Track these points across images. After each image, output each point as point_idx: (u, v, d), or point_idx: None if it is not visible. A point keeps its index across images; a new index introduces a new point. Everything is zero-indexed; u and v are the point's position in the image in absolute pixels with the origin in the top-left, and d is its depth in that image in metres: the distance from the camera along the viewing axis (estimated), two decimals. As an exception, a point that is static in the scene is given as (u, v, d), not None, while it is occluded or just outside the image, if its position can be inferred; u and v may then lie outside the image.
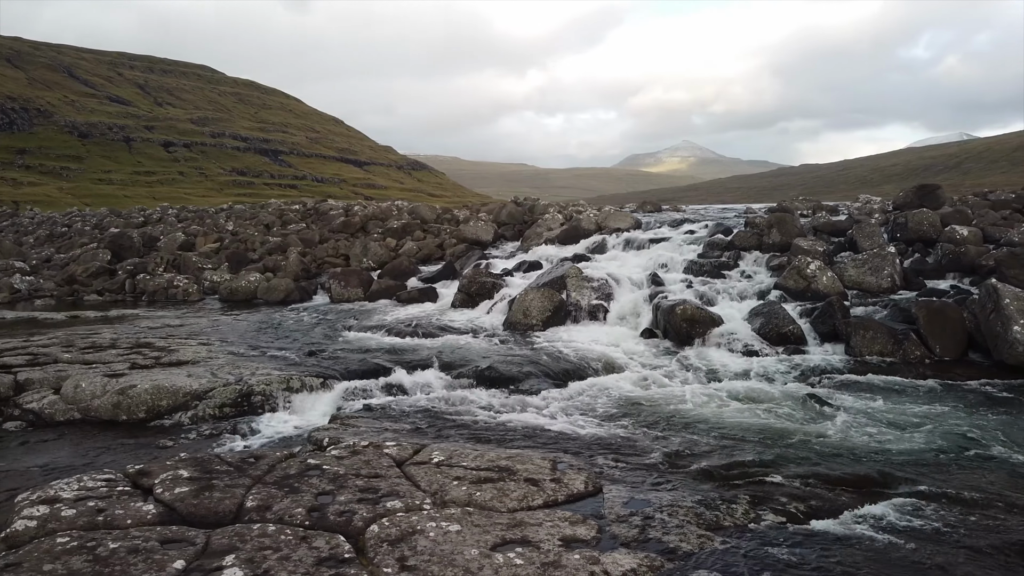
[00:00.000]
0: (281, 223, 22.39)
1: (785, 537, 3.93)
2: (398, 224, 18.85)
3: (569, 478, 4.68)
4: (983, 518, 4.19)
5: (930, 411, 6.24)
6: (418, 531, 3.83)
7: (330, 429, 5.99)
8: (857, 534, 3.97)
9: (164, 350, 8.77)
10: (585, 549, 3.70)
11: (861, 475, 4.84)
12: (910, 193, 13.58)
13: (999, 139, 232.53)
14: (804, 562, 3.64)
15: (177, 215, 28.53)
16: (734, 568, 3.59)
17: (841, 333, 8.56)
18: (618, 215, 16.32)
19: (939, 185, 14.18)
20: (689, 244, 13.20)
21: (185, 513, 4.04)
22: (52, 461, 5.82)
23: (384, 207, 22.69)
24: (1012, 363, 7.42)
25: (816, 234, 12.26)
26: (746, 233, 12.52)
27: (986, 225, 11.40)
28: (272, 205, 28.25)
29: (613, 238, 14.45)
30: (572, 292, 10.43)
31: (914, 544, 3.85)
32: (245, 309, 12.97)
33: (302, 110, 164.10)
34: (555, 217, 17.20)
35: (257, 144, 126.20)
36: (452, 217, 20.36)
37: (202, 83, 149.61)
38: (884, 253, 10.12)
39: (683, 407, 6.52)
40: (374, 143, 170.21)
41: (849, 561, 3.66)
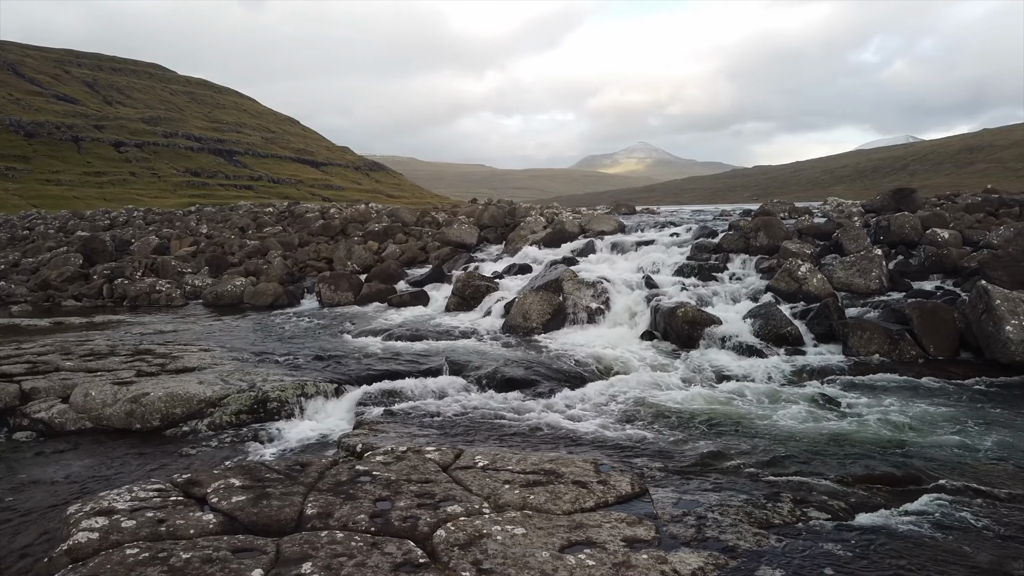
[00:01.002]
0: (256, 226, 22.14)
1: (834, 534, 4.09)
2: (379, 227, 18.79)
3: (615, 480, 4.78)
4: (1011, 511, 4.41)
5: (938, 410, 6.48)
6: (485, 535, 3.90)
7: (360, 435, 6.00)
8: (899, 530, 4.14)
9: (167, 356, 8.67)
10: (650, 549, 3.80)
11: (889, 473, 5.02)
12: (887, 196, 14.01)
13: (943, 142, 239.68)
14: (858, 557, 3.79)
15: (144, 217, 28.02)
16: (795, 565, 3.72)
17: (838, 334, 8.82)
18: (601, 218, 16.51)
19: (914, 189, 14.67)
20: (677, 247, 13.43)
21: (246, 522, 4.05)
22: (74, 472, 5.76)
23: (362, 210, 22.58)
24: (1005, 361, 7.74)
25: (801, 237, 12.59)
26: (733, 236, 12.79)
27: (963, 228, 11.84)
28: (243, 207, 27.90)
29: (600, 241, 14.62)
30: (569, 295, 10.55)
31: (953, 537, 4.04)
32: (233, 314, 12.83)
33: (257, 110, 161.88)
34: (537, 220, 17.32)
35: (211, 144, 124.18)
36: (432, 220, 20.35)
37: (153, 82, 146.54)
38: (871, 255, 10.45)
39: (702, 408, 6.67)
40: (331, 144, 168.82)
41: (898, 555, 3.82)
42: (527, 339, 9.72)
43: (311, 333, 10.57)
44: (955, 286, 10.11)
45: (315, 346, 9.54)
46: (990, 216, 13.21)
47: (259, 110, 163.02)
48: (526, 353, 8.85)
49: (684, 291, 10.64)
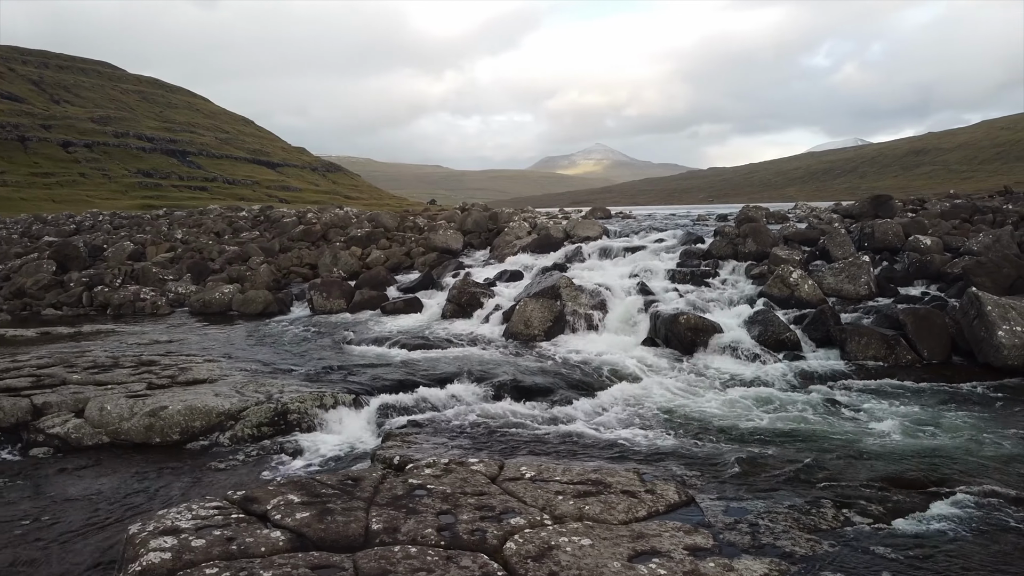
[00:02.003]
0: (232, 231, 21.87)
1: (879, 538, 4.28)
2: (361, 233, 18.72)
3: (661, 489, 4.92)
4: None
5: (946, 413, 6.76)
6: (554, 546, 4.00)
7: (393, 447, 6.05)
8: (938, 533, 4.34)
9: (174, 368, 8.59)
10: (714, 557, 3.94)
11: (914, 477, 5.24)
12: (866, 202, 14.47)
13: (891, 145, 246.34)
14: (909, 562, 3.99)
15: (111, 222, 27.44)
16: (853, 571, 3.90)
17: (835, 339, 9.11)
18: (585, 223, 16.71)
19: (891, 196, 15.16)
20: (665, 253, 13.68)
21: (315, 538, 4.09)
22: (105, 490, 5.72)
23: (341, 215, 22.46)
24: (998, 365, 8.10)
25: (787, 243, 12.93)
26: (721, 242, 13.08)
27: (942, 234, 12.29)
28: (214, 211, 27.50)
29: (587, 247, 14.80)
30: (567, 302, 10.70)
31: (988, 539, 4.25)
32: (222, 322, 12.72)
33: (210, 109, 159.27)
34: (521, 225, 17.44)
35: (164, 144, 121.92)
36: (414, 225, 20.34)
37: (103, 80, 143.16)
38: (859, 262, 10.80)
39: (719, 414, 6.86)
40: (286, 144, 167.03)
41: (944, 559, 4.02)
42: (530, 346, 9.83)
43: (312, 342, 10.54)
44: (939, 291, 10.51)
45: (320, 355, 9.54)
46: (965, 223, 13.73)
47: (213, 110, 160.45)
48: (534, 361, 8.96)
49: (680, 298, 10.86)
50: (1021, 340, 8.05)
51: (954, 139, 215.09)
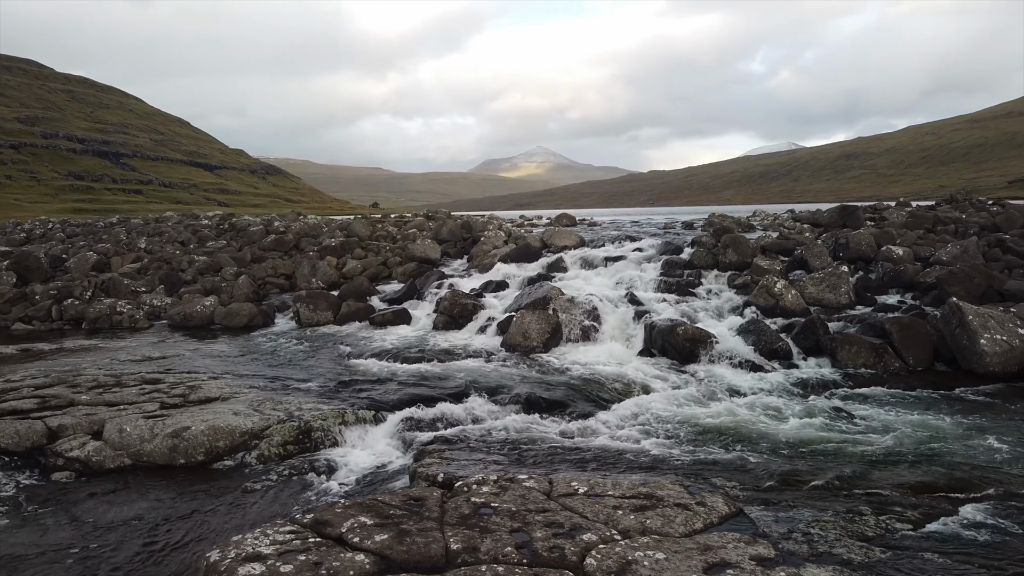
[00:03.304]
0: (198, 240, 21.46)
1: (923, 543, 4.58)
2: (335, 242, 18.61)
3: (711, 501, 5.15)
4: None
5: (946, 419, 7.17)
6: (632, 561, 4.18)
7: (433, 464, 6.15)
8: (974, 535, 4.67)
9: (181, 386, 8.51)
10: (783, 567, 4.16)
11: (936, 482, 5.58)
12: (834, 213, 15.08)
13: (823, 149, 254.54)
14: (955, 563, 4.28)
15: (63, 229, 26.56)
16: (911, 573, 4.19)
17: (825, 347, 9.52)
18: (562, 233, 16.97)
19: (857, 206, 15.81)
20: (647, 262, 13.99)
21: (399, 560, 4.20)
22: (145, 514, 5.70)
23: (313, 223, 22.26)
24: (981, 372, 8.60)
25: (765, 253, 13.38)
26: (702, 253, 13.48)
27: (910, 244, 12.91)
28: (173, 219, 26.87)
29: (568, 257, 15.04)
30: (561, 313, 10.91)
31: (1019, 540, 4.61)
32: (207, 336, 12.54)
33: (144, 110, 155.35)
34: (497, 235, 17.60)
35: (95, 146, 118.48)
36: (388, 234, 20.28)
37: (29, 79, 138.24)
38: (839, 272, 11.29)
39: (735, 424, 7.13)
40: (224, 146, 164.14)
41: (984, 558, 4.34)
42: (531, 358, 10.00)
43: (311, 357, 10.51)
44: (914, 300, 11.06)
45: (325, 370, 9.54)
46: (930, 232, 14.44)
47: (147, 110, 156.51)
48: (540, 374, 9.14)
49: (670, 308, 11.17)
50: (1002, 348, 8.57)
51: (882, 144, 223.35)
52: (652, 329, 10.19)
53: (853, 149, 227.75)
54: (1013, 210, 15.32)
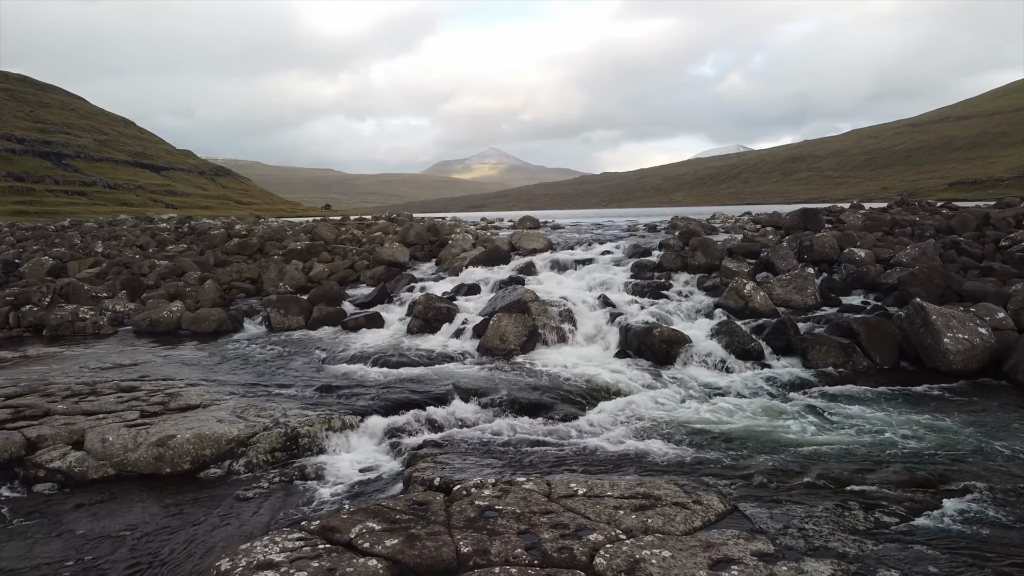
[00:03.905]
0: (157, 244, 21.01)
1: (912, 535, 4.78)
2: (301, 245, 18.41)
3: (706, 499, 5.30)
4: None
5: (919, 416, 7.44)
6: (639, 560, 4.30)
7: (427, 468, 6.18)
8: (959, 527, 4.89)
9: (159, 393, 8.39)
10: (784, 561, 4.32)
11: (917, 477, 5.79)
12: (796, 216, 15.48)
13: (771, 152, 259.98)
14: (946, 554, 4.48)
15: (12, 233, 25.70)
16: (903, 566, 4.36)
17: (796, 348, 9.79)
18: (530, 235, 17.09)
19: (818, 209, 16.24)
20: (616, 266, 14.19)
21: (412, 565, 4.25)
22: (137, 524, 5.64)
23: (276, 227, 21.97)
24: (945, 369, 8.95)
25: (731, 255, 13.68)
26: (671, 255, 13.72)
27: (871, 246, 13.33)
28: (128, 222, 26.22)
29: (538, 260, 15.15)
30: (537, 316, 11.01)
31: (1001, 531, 4.83)
32: (174, 342, 12.32)
33: (87, 109, 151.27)
34: (465, 238, 17.64)
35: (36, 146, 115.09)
36: (353, 237, 20.16)
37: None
38: (805, 274, 11.63)
39: (718, 424, 7.30)
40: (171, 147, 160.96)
41: (973, 551, 4.54)
42: (509, 361, 10.08)
43: (287, 362, 10.42)
44: (877, 300, 11.43)
45: (304, 376, 9.49)
46: (888, 235, 14.92)
47: (90, 110, 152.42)
48: (521, 376, 9.22)
49: (643, 310, 11.36)
50: (964, 346, 8.94)
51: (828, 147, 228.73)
52: (628, 331, 10.36)
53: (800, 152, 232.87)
54: (967, 213, 15.93)
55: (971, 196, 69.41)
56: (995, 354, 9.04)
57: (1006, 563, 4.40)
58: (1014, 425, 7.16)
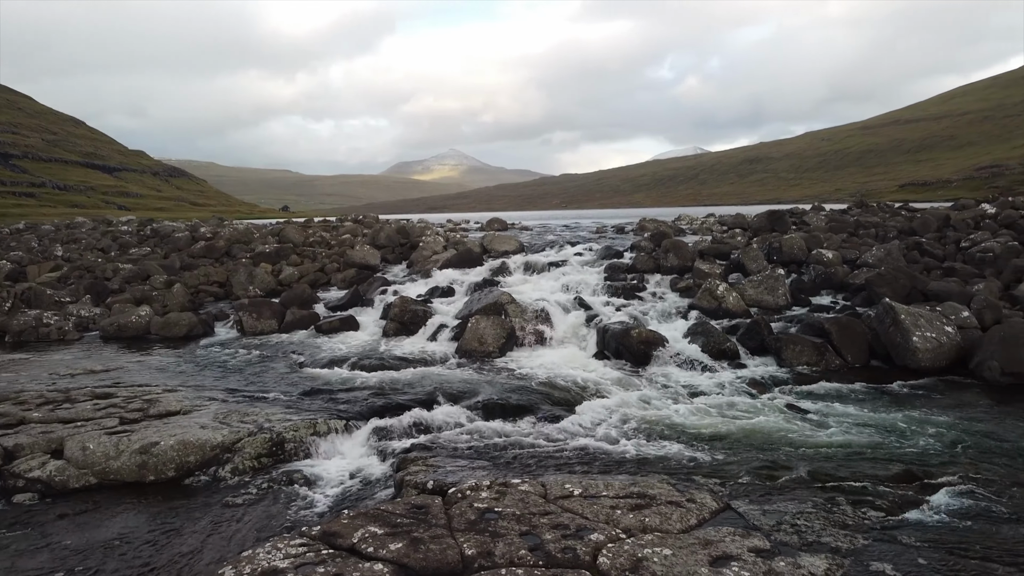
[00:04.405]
0: (119, 247, 20.56)
1: (899, 530, 4.93)
2: (269, 248, 18.19)
3: (700, 497, 5.40)
4: (1010, 496, 5.50)
5: (893, 412, 7.66)
6: (642, 558, 4.37)
7: (419, 472, 6.18)
8: (942, 519, 5.06)
9: (137, 400, 8.25)
10: (781, 557, 4.44)
11: (898, 472, 5.98)
12: (763, 218, 15.77)
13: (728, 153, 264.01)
14: (932, 546, 4.64)
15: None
16: (894, 559, 4.50)
17: (770, 347, 9.99)
18: (502, 238, 17.13)
19: (784, 211, 16.57)
20: (590, 267, 14.30)
21: (418, 568, 4.27)
22: (125, 533, 5.55)
23: (243, 229, 21.65)
24: (914, 367, 9.22)
25: (703, 257, 13.90)
26: (643, 257, 13.87)
27: (838, 247, 13.65)
28: (87, 225, 25.58)
29: (512, 262, 15.20)
30: (514, 318, 11.06)
31: (983, 523, 5.01)
32: (144, 347, 12.09)
33: (35, 109, 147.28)
34: (436, 240, 17.61)
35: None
36: (322, 239, 19.98)
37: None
38: (776, 275, 11.86)
39: (701, 423, 7.42)
40: (124, 147, 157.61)
41: (958, 541, 4.71)
42: (489, 363, 10.11)
43: (264, 366, 10.31)
44: (845, 300, 11.72)
45: (282, 380, 9.40)
46: (852, 236, 15.28)
47: (37, 109, 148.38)
48: (502, 378, 9.26)
49: (619, 312, 11.48)
50: (932, 344, 9.21)
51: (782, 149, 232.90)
52: (605, 332, 10.46)
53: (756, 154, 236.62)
54: (928, 215, 16.40)
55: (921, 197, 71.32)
56: (961, 352, 9.34)
57: (989, 554, 4.57)
58: (984, 420, 7.41)
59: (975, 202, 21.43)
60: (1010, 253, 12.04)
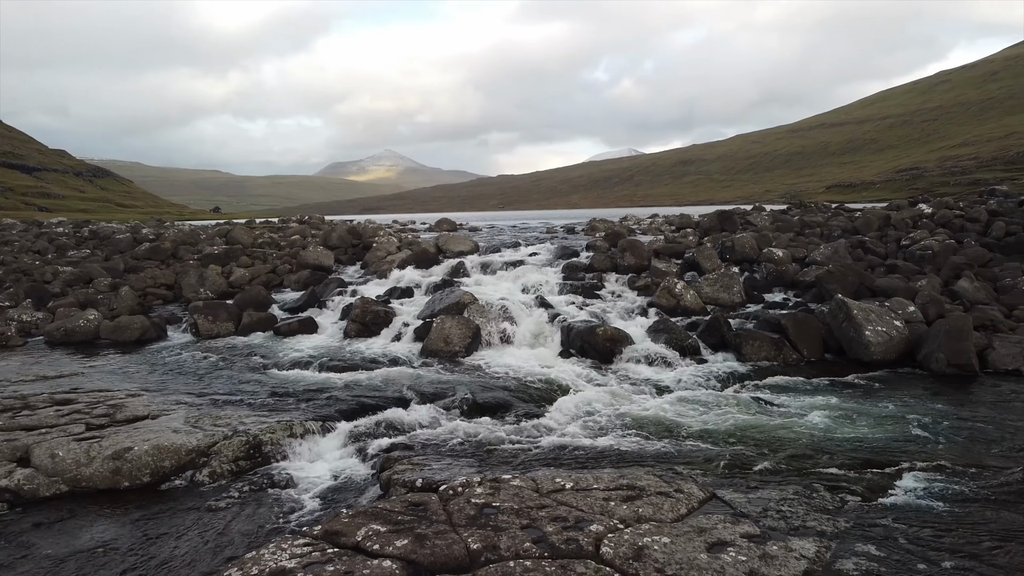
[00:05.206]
0: (56, 249, 19.80)
1: (877, 512, 5.19)
2: (218, 250, 17.79)
3: (687, 488, 5.58)
4: (974, 478, 5.83)
5: (852, 402, 8.02)
6: (643, 546, 4.51)
7: (406, 471, 6.19)
8: (913, 501, 5.36)
9: (101, 405, 8.03)
10: (772, 541, 4.63)
11: (868, 459, 6.28)
12: (713, 218, 16.20)
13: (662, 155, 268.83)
14: (909, 527, 4.91)
15: None
16: (877, 540, 4.74)
17: (730, 343, 10.30)
18: (457, 238, 17.15)
19: (734, 212, 17.04)
20: (548, 267, 14.45)
21: (426, 563, 4.32)
22: (108, 541, 5.43)
23: (188, 231, 21.09)
24: (867, 360, 9.64)
25: (658, 256, 14.19)
26: (601, 257, 14.09)
27: (786, 246, 14.12)
28: (18, 226, 24.46)
29: (469, 262, 15.24)
30: (478, 318, 11.12)
31: (952, 504, 5.32)
32: (94, 352, 11.70)
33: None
34: (390, 240, 17.52)
35: None
36: (272, 241, 19.63)
37: None
38: (731, 273, 12.23)
39: (672, 416, 7.61)
40: (43, 146, 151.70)
41: (932, 521, 5.00)
42: (456, 363, 10.15)
43: (226, 369, 10.12)
44: (797, 297, 12.16)
45: (248, 382, 9.26)
46: (799, 235, 15.83)
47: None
48: (472, 377, 9.32)
49: (581, 311, 11.66)
50: (884, 338, 9.65)
51: (714, 151, 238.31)
52: (570, 331, 10.61)
53: (689, 156, 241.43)
54: (870, 214, 17.10)
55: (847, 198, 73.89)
56: (909, 344, 9.81)
57: (961, 531, 4.86)
58: (936, 409, 7.82)
59: (908, 203, 22.46)
60: (948, 251, 12.70)
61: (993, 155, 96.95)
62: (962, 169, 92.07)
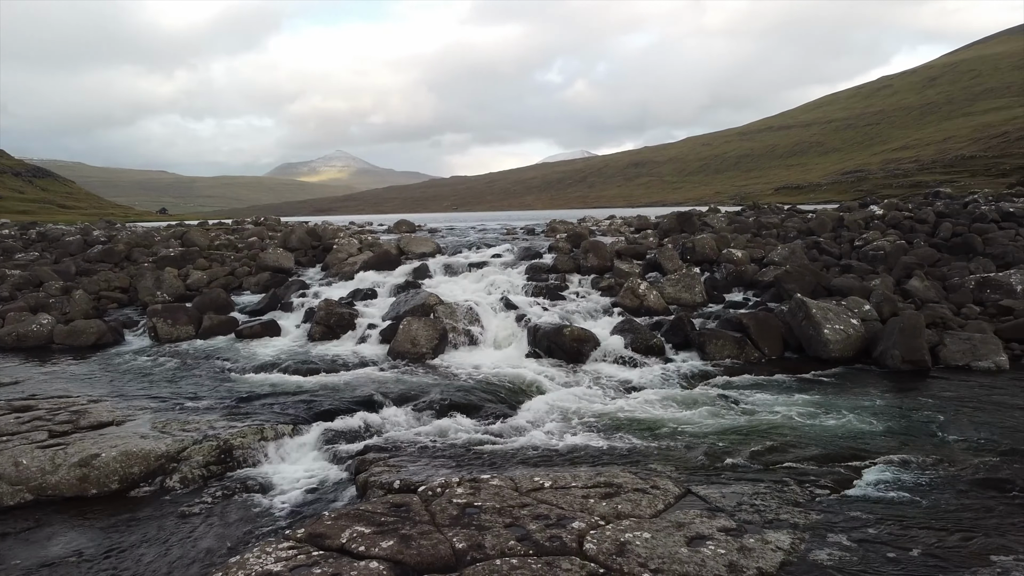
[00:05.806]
0: (1, 251, 19.14)
1: (846, 504, 5.38)
2: (174, 252, 17.43)
3: (663, 484, 5.70)
4: (935, 469, 6.06)
5: (814, 399, 8.24)
6: (625, 542, 4.61)
7: (383, 472, 6.20)
8: (880, 493, 5.55)
9: (63, 411, 7.84)
10: (748, 534, 4.78)
11: (833, 453, 6.48)
12: (673, 220, 16.45)
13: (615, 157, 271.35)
14: (879, 518, 5.09)
15: None
16: (846, 529, 4.91)
17: (694, 342, 10.50)
18: (418, 240, 17.11)
19: (693, 213, 17.32)
20: (511, 268, 14.51)
21: (413, 564, 4.35)
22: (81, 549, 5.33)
23: (142, 232, 20.60)
24: (826, 357, 9.92)
25: (620, 257, 14.37)
26: (564, 258, 14.21)
27: (744, 246, 14.43)
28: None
29: (432, 263, 15.22)
30: (444, 319, 11.13)
31: (916, 494, 5.53)
32: (48, 357, 11.38)
33: None
34: (351, 242, 17.39)
35: None
36: (230, 243, 19.29)
37: None
38: (692, 273, 12.45)
39: (641, 415, 7.74)
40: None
41: (898, 511, 5.19)
42: (423, 364, 10.15)
43: (189, 373, 9.95)
44: (756, 296, 12.44)
45: (214, 386, 9.13)
46: (756, 237, 16.18)
47: None
48: (441, 379, 9.33)
49: (547, 311, 11.75)
50: (842, 336, 9.94)
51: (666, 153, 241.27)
52: (536, 332, 10.69)
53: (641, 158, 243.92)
54: (824, 216, 17.57)
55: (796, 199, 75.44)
56: (865, 342, 10.12)
57: (926, 520, 5.06)
58: (894, 404, 8.09)
59: (859, 204, 23.12)
60: (899, 251, 13.13)
61: (932, 158, 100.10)
62: (904, 171, 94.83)
